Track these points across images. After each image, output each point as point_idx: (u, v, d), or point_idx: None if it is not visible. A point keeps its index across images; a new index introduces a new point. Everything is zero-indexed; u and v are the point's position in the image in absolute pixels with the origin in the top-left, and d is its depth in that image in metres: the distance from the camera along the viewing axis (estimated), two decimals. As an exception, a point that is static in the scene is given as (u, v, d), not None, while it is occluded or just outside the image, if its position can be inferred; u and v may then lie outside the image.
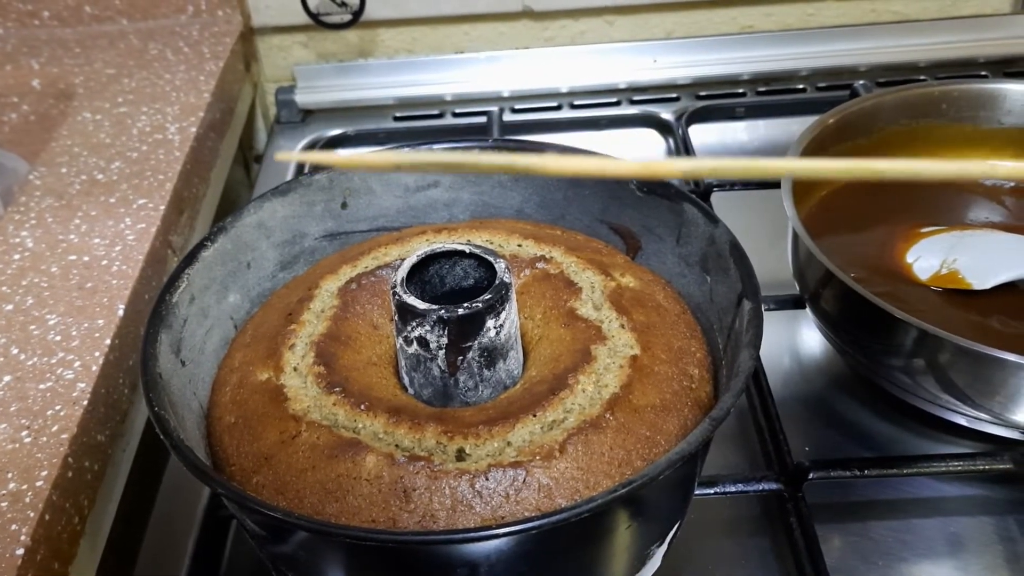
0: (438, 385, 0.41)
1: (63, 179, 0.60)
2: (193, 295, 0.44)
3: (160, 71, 0.71)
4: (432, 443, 0.38)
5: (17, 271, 0.52)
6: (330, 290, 0.46)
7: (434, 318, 0.39)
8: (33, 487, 0.40)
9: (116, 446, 0.47)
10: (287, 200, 0.49)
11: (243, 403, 0.41)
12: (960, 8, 0.83)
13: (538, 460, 0.37)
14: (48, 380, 0.45)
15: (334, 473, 0.37)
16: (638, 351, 0.41)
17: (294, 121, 0.80)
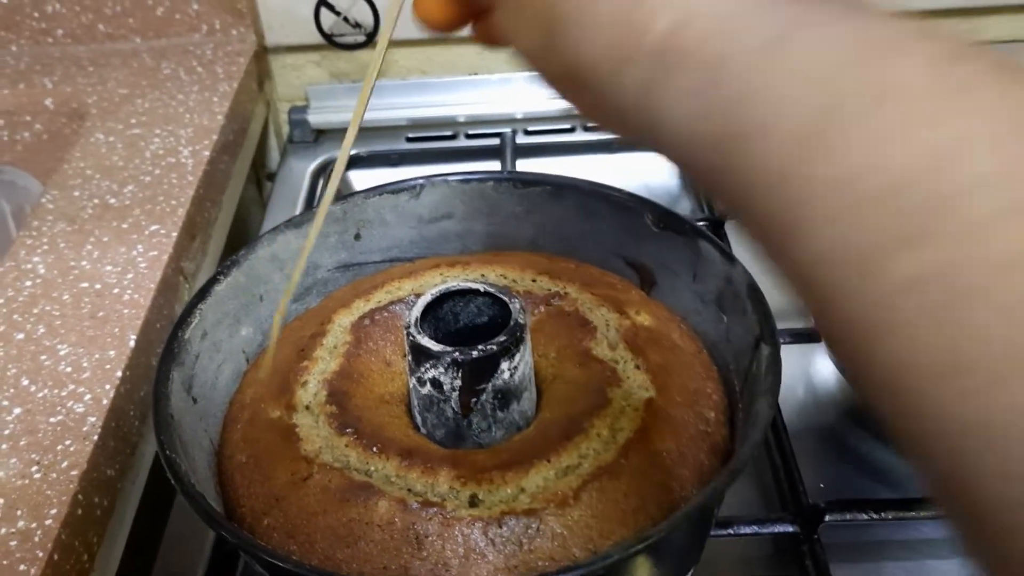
0: (451, 426, 0.41)
1: (75, 203, 0.59)
2: (205, 330, 0.44)
3: (173, 91, 0.71)
4: (445, 488, 0.37)
5: (29, 299, 0.52)
6: (343, 325, 0.45)
7: (448, 360, 0.39)
8: (43, 525, 0.39)
9: (126, 479, 0.47)
10: (301, 232, 0.48)
11: (254, 441, 0.41)
12: (981, 33, 0.82)
13: (552, 507, 0.36)
14: (59, 413, 0.45)
15: (345, 517, 0.37)
16: (653, 394, 0.41)
17: (307, 141, 0.79)
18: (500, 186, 0.51)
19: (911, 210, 0.15)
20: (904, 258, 0.15)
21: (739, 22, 0.17)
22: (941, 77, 0.15)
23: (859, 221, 0.15)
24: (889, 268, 0.15)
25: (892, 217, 0.15)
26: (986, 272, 0.14)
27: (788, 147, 0.16)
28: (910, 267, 0.14)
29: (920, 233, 0.14)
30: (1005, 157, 0.14)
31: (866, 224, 0.15)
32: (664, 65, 0.18)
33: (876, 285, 0.15)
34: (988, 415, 0.14)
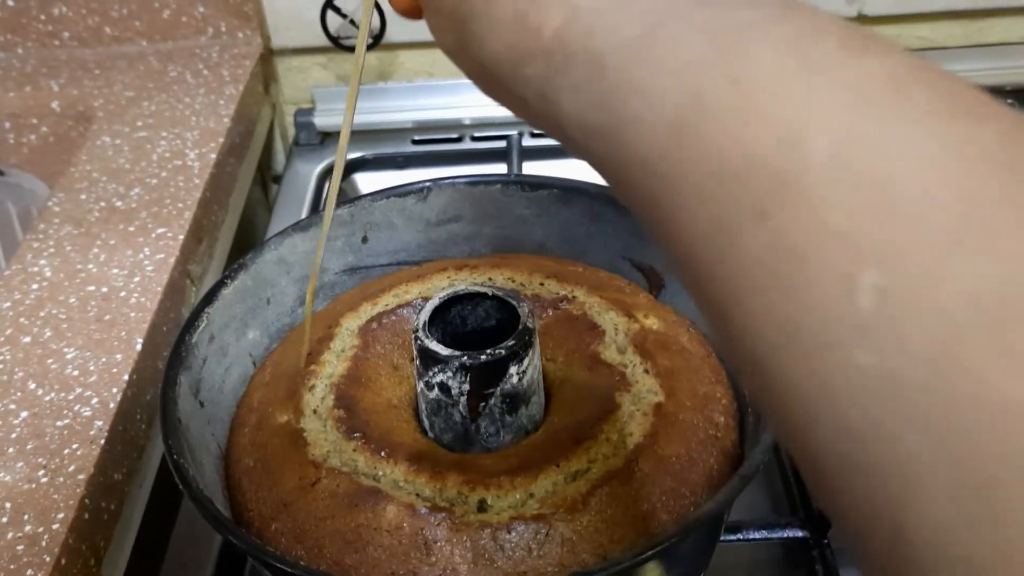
0: (459, 430, 0.40)
1: (82, 206, 0.59)
2: (213, 334, 0.43)
3: (180, 94, 0.71)
4: (453, 493, 0.37)
5: (36, 302, 0.52)
6: (350, 329, 0.45)
7: (456, 365, 0.38)
8: (49, 530, 0.39)
9: (133, 483, 0.46)
10: (308, 235, 0.48)
11: (262, 446, 0.41)
12: (987, 35, 0.82)
13: (561, 513, 0.36)
14: (65, 417, 0.44)
15: (354, 523, 0.37)
16: (663, 398, 0.41)
17: (312, 144, 0.79)
18: (508, 189, 0.51)
19: (762, 186, 0.15)
20: (755, 231, 0.15)
21: (617, 15, 0.18)
22: (790, 58, 0.16)
23: (719, 199, 0.16)
24: (743, 241, 0.16)
25: (747, 193, 0.16)
26: (820, 242, 0.15)
27: (658, 135, 0.17)
28: (759, 239, 0.15)
29: (768, 208, 0.15)
30: (841, 131, 0.15)
31: (725, 201, 0.16)
32: (557, 61, 0.19)
33: (733, 257, 0.16)
34: (824, 377, 0.15)
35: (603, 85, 0.18)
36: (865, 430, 0.14)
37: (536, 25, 0.19)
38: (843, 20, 0.18)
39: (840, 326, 0.14)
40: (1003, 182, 0.14)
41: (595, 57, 0.18)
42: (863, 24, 0.81)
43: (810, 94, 0.16)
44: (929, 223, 0.14)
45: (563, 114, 0.19)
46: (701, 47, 0.17)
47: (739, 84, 0.16)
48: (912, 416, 0.14)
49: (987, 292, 0.13)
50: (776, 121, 0.16)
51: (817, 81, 0.16)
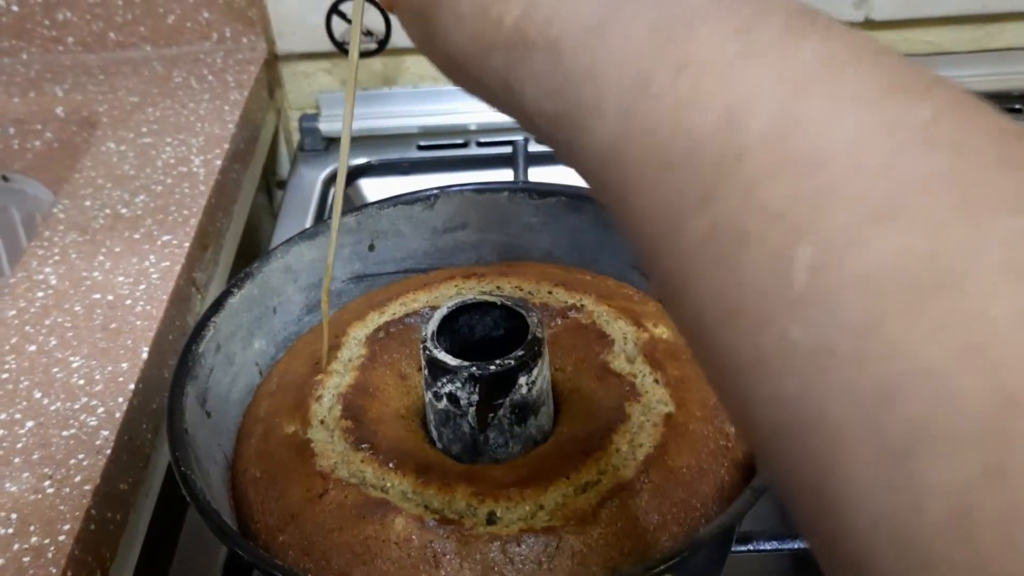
0: (467, 441, 0.40)
1: (87, 213, 0.59)
2: (219, 343, 0.43)
3: (184, 100, 0.71)
4: (462, 505, 0.37)
5: (41, 310, 0.51)
6: (358, 338, 0.45)
7: (465, 375, 0.38)
8: (56, 541, 0.39)
9: (139, 493, 0.46)
10: (315, 243, 0.48)
11: (269, 456, 0.41)
12: (995, 40, 0.81)
13: (571, 525, 0.36)
14: (71, 427, 0.44)
15: (362, 535, 0.37)
16: (672, 408, 0.40)
17: (318, 149, 0.79)
18: (515, 196, 0.51)
19: (704, 170, 0.16)
20: (699, 215, 0.16)
21: (574, 4, 0.19)
22: (735, 44, 0.17)
23: (666, 183, 0.17)
24: (689, 223, 0.16)
25: (691, 177, 0.16)
26: (757, 223, 0.15)
27: (609, 122, 0.18)
28: (703, 222, 0.16)
29: (711, 191, 0.16)
30: (777, 114, 0.15)
31: (671, 185, 0.17)
32: (518, 51, 0.20)
33: (680, 240, 0.16)
34: (762, 351, 0.15)
35: (560, 73, 0.19)
36: (797, 401, 0.15)
37: (498, 16, 0.20)
38: (790, 1, 0.18)
39: (776, 302, 0.15)
40: (932, 158, 0.14)
41: (553, 46, 0.19)
42: (870, 30, 0.81)
43: (749, 78, 0.16)
44: (858, 200, 0.14)
45: (526, 103, 0.20)
46: (650, 34, 0.17)
47: (683, 70, 0.17)
48: (839, 386, 0.14)
49: (910, 265, 0.14)
50: (717, 106, 0.16)
51: (757, 65, 0.16)
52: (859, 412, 0.14)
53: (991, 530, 0.13)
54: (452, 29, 0.21)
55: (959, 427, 0.13)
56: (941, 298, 0.13)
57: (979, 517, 0.13)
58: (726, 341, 0.16)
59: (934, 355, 0.13)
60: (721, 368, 0.17)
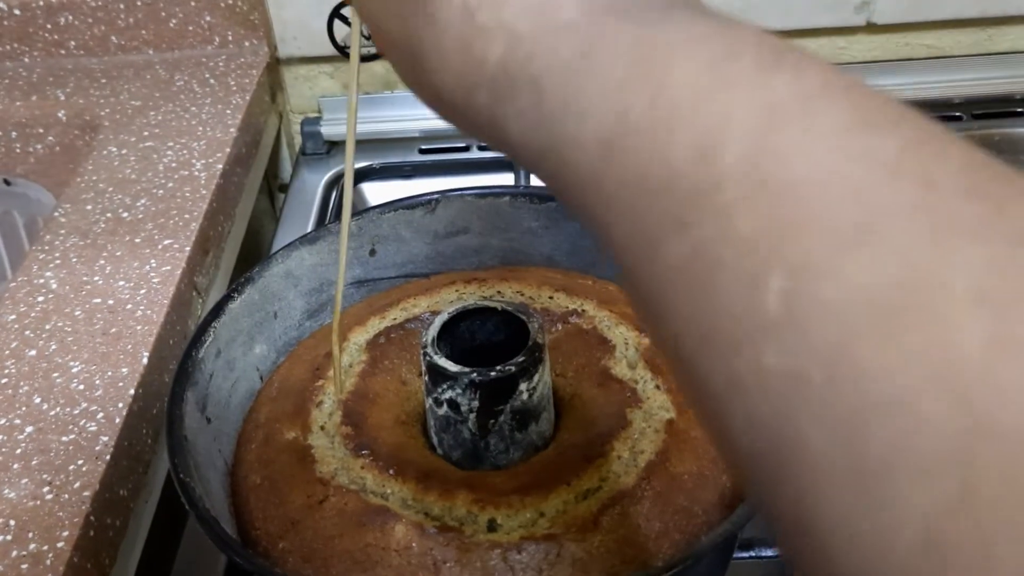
0: (468, 447, 0.40)
1: (88, 216, 0.59)
2: (219, 348, 0.43)
3: (186, 103, 0.71)
4: (463, 512, 0.37)
5: (41, 314, 0.51)
6: (358, 343, 0.45)
7: (466, 381, 0.38)
8: (54, 548, 0.39)
9: (138, 499, 0.46)
10: (315, 248, 0.48)
11: (269, 462, 0.41)
12: (996, 43, 0.81)
13: (572, 532, 0.36)
14: (71, 432, 0.44)
15: (362, 542, 0.36)
16: (674, 414, 0.40)
17: (319, 153, 0.79)
18: (517, 201, 0.51)
19: (681, 198, 0.17)
20: (676, 241, 0.17)
21: (554, 41, 0.19)
22: (710, 76, 0.17)
23: (645, 211, 0.17)
24: (668, 250, 0.17)
25: (668, 205, 0.17)
26: (732, 250, 0.16)
27: (590, 154, 0.18)
28: (680, 249, 0.17)
29: (687, 219, 0.16)
30: (751, 145, 0.16)
31: (650, 213, 0.17)
32: (502, 87, 0.20)
33: (659, 266, 0.17)
34: (737, 376, 0.16)
35: (543, 108, 0.19)
36: (773, 425, 0.15)
37: (481, 55, 0.20)
38: (763, 35, 0.18)
39: (750, 328, 0.15)
40: (901, 189, 0.15)
41: (535, 82, 0.19)
42: (872, 34, 0.81)
43: (723, 111, 0.17)
44: (829, 229, 0.15)
45: (511, 137, 0.21)
46: (627, 68, 0.18)
47: (660, 103, 0.17)
48: (813, 411, 0.14)
49: (879, 292, 0.14)
50: (692, 138, 0.17)
51: (731, 98, 0.17)
52: (833, 437, 0.14)
53: (962, 555, 0.13)
54: (437, 68, 0.21)
55: (930, 453, 0.13)
56: (911, 326, 0.14)
57: (951, 541, 0.13)
58: (703, 365, 0.17)
59: (904, 382, 0.14)
60: (699, 391, 0.17)
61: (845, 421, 0.14)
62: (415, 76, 0.22)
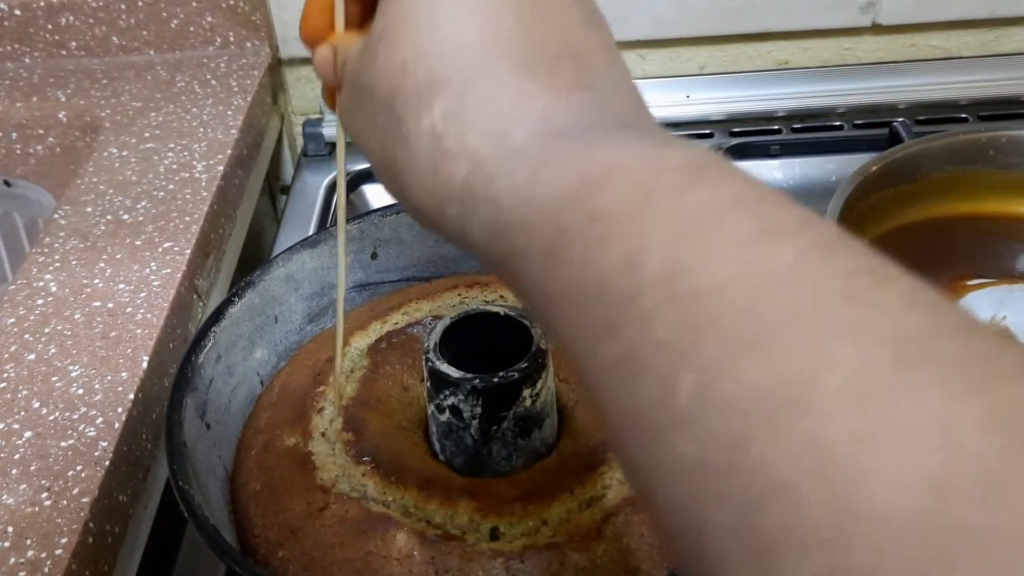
0: (470, 454, 0.40)
1: (88, 219, 0.59)
2: (220, 353, 0.43)
3: (187, 105, 0.70)
4: (465, 520, 0.36)
5: (40, 318, 0.51)
6: (360, 348, 0.44)
7: (468, 388, 0.38)
8: (52, 555, 0.38)
9: (138, 504, 0.46)
10: (316, 252, 0.47)
11: (269, 469, 0.40)
12: (1003, 44, 0.81)
13: (576, 541, 0.35)
14: (70, 437, 0.44)
15: (363, 550, 0.36)
16: (679, 421, 0.40)
17: (321, 154, 0.78)
18: (519, 204, 0.50)
19: (611, 305, 0.19)
20: (607, 343, 0.19)
21: (509, 164, 0.22)
22: (636, 195, 0.19)
23: (582, 316, 0.19)
24: (601, 351, 0.19)
25: (600, 311, 0.19)
26: (651, 352, 0.18)
27: (537, 264, 0.20)
28: (611, 350, 0.18)
29: (616, 324, 0.18)
30: (669, 258, 0.18)
31: (586, 318, 0.19)
32: (467, 204, 0.22)
33: (594, 364, 0.19)
34: (658, 462, 0.18)
35: (500, 223, 0.22)
36: (688, 507, 0.17)
37: (448, 175, 0.23)
38: (691, 152, 0.20)
39: (667, 420, 0.17)
40: (789, 295, 0.17)
41: (495, 200, 0.22)
42: (878, 35, 0.80)
43: (645, 228, 0.19)
44: (728, 333, 0.17)
45: (477, 245, 0.23)
46: (569, 188, 0.20)
47: (594, 220, 0.19)
48: (717, 494, 0.16)
49: (767, 389, 0.16)
50: (619, 250, 0.19)
51: (652, 216, 0.19)
52: (733, 519, 0.16)
53: None
54: (412, 185, 0.23)
55: (808, 533, 0.15)
56: (791, 419, 0.16)
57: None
58: (633, 452, 0.18)
59: (788, 470, 0.15)
60: (633, 475, 0.19)
61: (742, 504, 0.16)
62: (395, 189, 0.25)
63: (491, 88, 0.23)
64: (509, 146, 0.22)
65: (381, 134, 0.24)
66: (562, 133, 0.22)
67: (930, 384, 0.15)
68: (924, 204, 0.60)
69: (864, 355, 0.16)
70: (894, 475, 0.14)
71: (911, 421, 0.15)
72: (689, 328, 0.17)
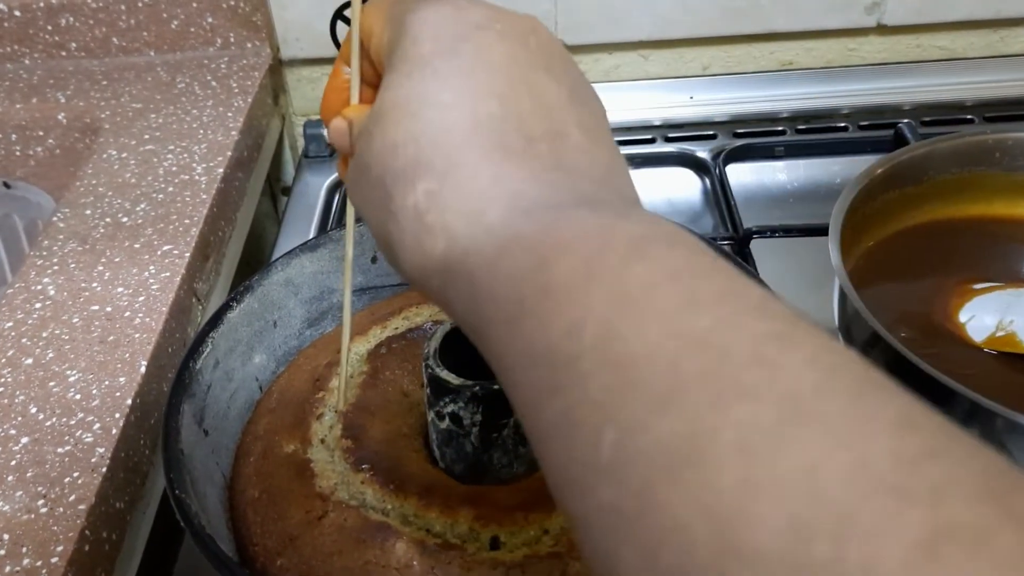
0: (471, 461, 0.39)
1: (87, 221, 0.58)
2: (218, 359, 0.42)
3: (187, 106, 0.70)
4: (465, 529, 0.36)
5: (39, 322, 0.51)
6: (359, 354, 0.44)
7: (468, 394, 0.37)
8: (48, 563, 0.38)
9: (135, 511, 0.45)
10: (316, 256, 0.47)
11: (268, 476, 0.40)
12: (1009, 45, 0.80)
13: (577, 551, 0.35)
14: (67, 443, 0.43)
15: (362, 559, 0.35)
16: (682, 428, 0.39)
17: (322, 155, 0.78)
18: (521, 208, 0.49)
19: (555, 368, 0.20)
20: (551, 402, 0.20)
21: (481, 240, 0.23)
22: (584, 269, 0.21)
23: (533, 377, 0.21)
24: (544, 410, 0.20)
25: (547, 373, 0.20)
26: (585, 410, 0.19)
27: (501, 332, 0.22)
28: (555, 408, 0.20)
29: (558, 386, 0.20)
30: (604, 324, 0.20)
31: (535, 379, 0.21)
32: (445, 277, 0.24)
33: (540, 422, 0.21)
34: (584, 508, 0.19)
35: (473, 295, 0.23)
36: (605, 548, 0.19)
37: (430, 249, 0.24)
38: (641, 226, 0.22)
39: (591, 472, 0.19)
40: (701, 359, 0.18)
41: (468, 274, 0.23)
42: (883, 35, 0.80)
43: (587, 300, 0.20)
44: (647, 394, 0.19)
45: (457, 315, 0.25)
46: (528, 265, 0.22)
47: (547, 293, 0.21)
48: (628, 537, 0.18)
49: (673, 443, 0.18)
50: (565, 320, 0.20)
51: (594, 288, 0.20)
52: (638, 560, 0.18)
53: None
54: (400, 256, 0.25)
55: (697, 569, 0.17)
56: (691, 470, 0.17)
57: None
58: (564, 497, 0.20)
59: (684, 514, 0.17)
60: (569, 525, 0.21)
61: (646, 545, 0.18)
62: (389, 259, 0.27)
63: (470, 171, 0.24)
64: (482, 224, 0.24)
65: (376, 208, 0.26)
66: (530, 211, 0.24)
67: (806, 439, 0.17)
68: (930, 206, 0.60)
69: (755, 412, 0.17)
70: (767, 518, 0.16)
71: (785, 471, 0.17)
72: (617, 388, 0.19)
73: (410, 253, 0.25)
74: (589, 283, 0.21)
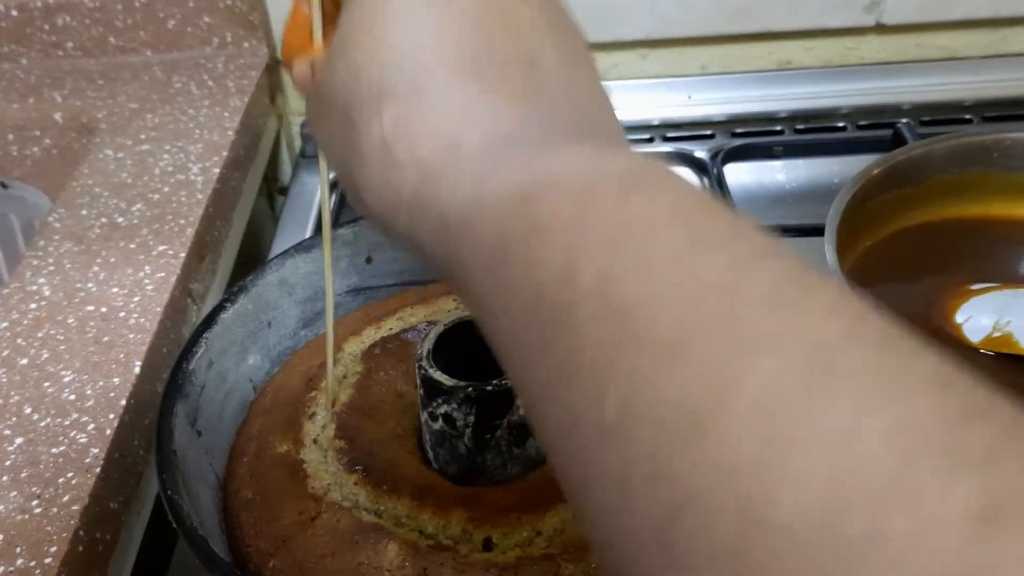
0: (464, 462, 0.39)
1: (83, 222, 0.58)
2: (211, 360, 0.42)
3: (184, 106, 0.70)
4: (458, 530, 0.36)
5: (33, 322, 0.50)
6: (353, 354, 0.44)
7: (461, 395, 0.37)
8: (41, 564, 0.38)
9: (130, 511, 0.45)
10: (311, 256, 0.47)
11: (261, 477, 0.40)
12: (1009, 44, 0.80)
13: (570, 553, 0.35)
14: (61, 444, 0.43)
15: (354, 561, 0.35)
16: (676, 429, 0.39)
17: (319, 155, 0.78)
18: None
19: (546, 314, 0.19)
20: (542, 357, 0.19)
21: (456, 175, 0.22)
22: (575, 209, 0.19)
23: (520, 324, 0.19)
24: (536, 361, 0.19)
25: (536, 320, 0.19)
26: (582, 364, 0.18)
27: (480, 276, 0.20)
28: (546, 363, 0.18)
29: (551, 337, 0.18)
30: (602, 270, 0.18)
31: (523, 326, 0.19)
32: (415, 213, 0.23)
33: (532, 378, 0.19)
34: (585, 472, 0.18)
35: (447, 232, 0.22)
36: (609, 521, 0.17)
37: (398, 185, 0.23)
38: (634, 159, 0.20)
39: (593, 433, 0.17)
40: (712, 306, 0.17)
41: (441, 211, 0.22)
42: (882, 35, 0.79)
43: (581, 239, 0.19)
44: (652, 345, 0.17)
45: (425, 252, 0.23)
46: (510, 201, 0.20)
47: (532, 233, 0.19)
48: (637, 508, 0.16)
49: (684, 403, 0.16)
50: (556, 263, 0.19)
51: (588, 225, 0.19)
52: (651, 532, 0.16)
53: None
54: (365, 194, 0.24)
55: (715, 543, 0.15)
56: (706, 432, 0.15)
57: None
58: (561, 459, 0.18)
59: (699, 483, 0.15)
60: (565, 490, 0.19)
61: (660, 515, 0.16)
62: (353, 197, 0.25)
63: (440, 96, 0.23)
64: (455, 157, 0.22)
65: (339, 144, 0.25)
66: (508, 142, 0.22)
67: (840, 395, 0.15)
68: (928, 207, 0.60)
69: (779, 363, 0.16)
70: (799, 485, 0.14)
71: (817, 430, 0.15)
72: (617, 339, 0.17)
73: (376, 191, 0.23)
74: (580, 224, 0.19)
